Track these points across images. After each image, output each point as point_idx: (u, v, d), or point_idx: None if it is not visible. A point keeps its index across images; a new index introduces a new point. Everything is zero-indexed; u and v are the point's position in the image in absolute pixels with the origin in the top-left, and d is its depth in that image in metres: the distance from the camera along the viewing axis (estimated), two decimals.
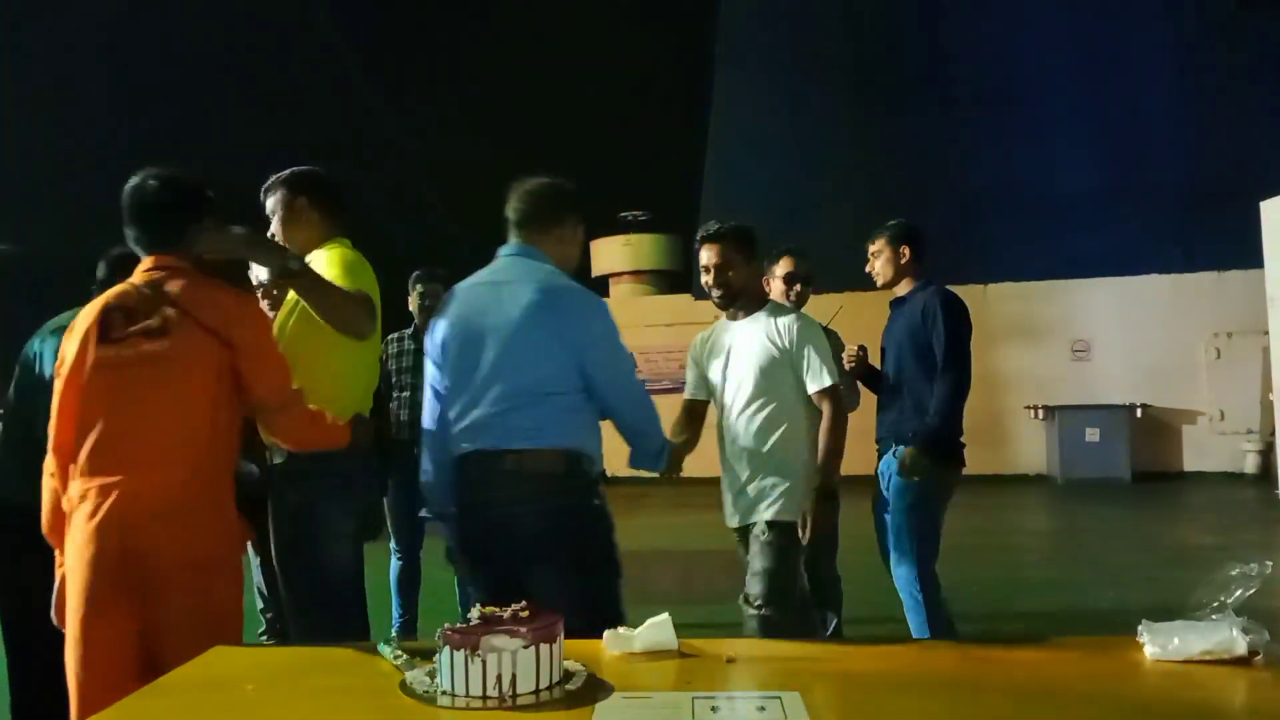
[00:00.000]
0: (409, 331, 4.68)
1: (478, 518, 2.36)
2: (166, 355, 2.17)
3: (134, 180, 2.35)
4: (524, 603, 1.62)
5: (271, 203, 2.77)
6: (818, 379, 3.04)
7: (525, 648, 1.49)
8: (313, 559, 2.53)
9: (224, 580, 2.21)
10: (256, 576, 3.55)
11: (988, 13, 12.95)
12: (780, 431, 3.04)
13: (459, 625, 1.56)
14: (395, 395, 4.57)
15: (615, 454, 2.63)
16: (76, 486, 2.16)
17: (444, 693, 1.51)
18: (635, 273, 15.66)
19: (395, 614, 4.58)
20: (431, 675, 1.58)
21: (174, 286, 2.23)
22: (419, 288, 4.63)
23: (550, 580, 2.28)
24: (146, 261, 2.32)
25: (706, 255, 3.12)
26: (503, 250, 2.52)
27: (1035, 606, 5.21)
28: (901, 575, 3.59)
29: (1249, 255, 9.57)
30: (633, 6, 18.59)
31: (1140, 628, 1.71)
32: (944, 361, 3.50)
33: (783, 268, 3.92)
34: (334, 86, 17.33)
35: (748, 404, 3.09)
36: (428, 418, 2.54)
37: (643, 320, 12.56)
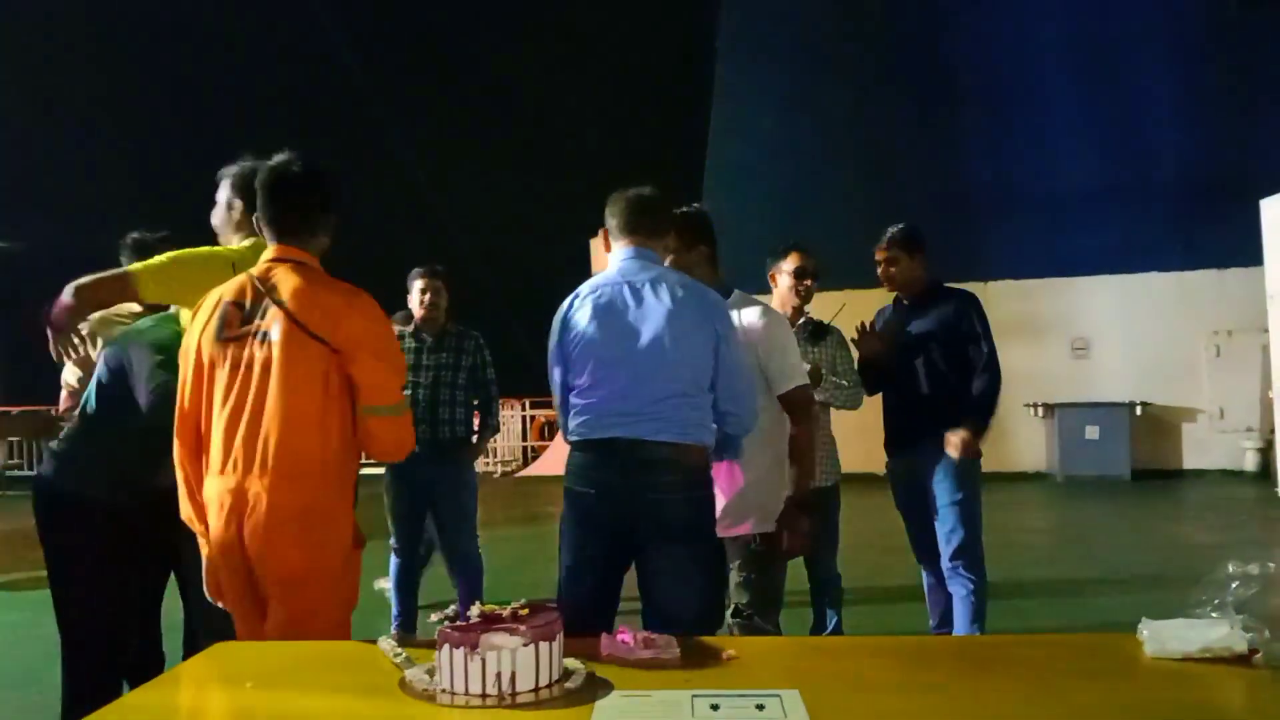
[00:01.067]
0: (409, 330, 4.59)
1: (631, 498, 2.45)
2: (273, 363, 2.15)
3: (277, 163, 2.31)
4: (524, 601, 1.62)
5: (218, 194, 2.79)
6: (786, 379, 2.80)
7: (525, 646, 1.49)
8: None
9: (326, 592, 2.18)
10: None
11: (989, 10, 12.94)
12: (757, 437, 2.73)
13: (459, 623, 1.56)
14: None
15: None
16: (209, 485, 2.21)
17: (443, 691, 1.51)
18: None
19: (394, 612, 4.58)
20: (431, 673, 1.58)
21: (286, 287, 2.19)
22: (419, 283, 4.54)
23: (684, 562, 2.45)
24: (271, 250, 2.29)
25: None
26: (622, 253, 2.64)
27: (1035, 604, 5.21)
28: (959, 566, 3.63)
29: (1249, 253, 9.57)
30: (634, 4, 18.57)
31: (1140, 625, 1.71)
32: (989, 360, 3.73)
33: (791, 263, 3.88)
34: (334, 83, 17.30)
35: None
36: (560, 399, 2.64)
37: None
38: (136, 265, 2.47)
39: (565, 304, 2.65)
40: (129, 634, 2.80)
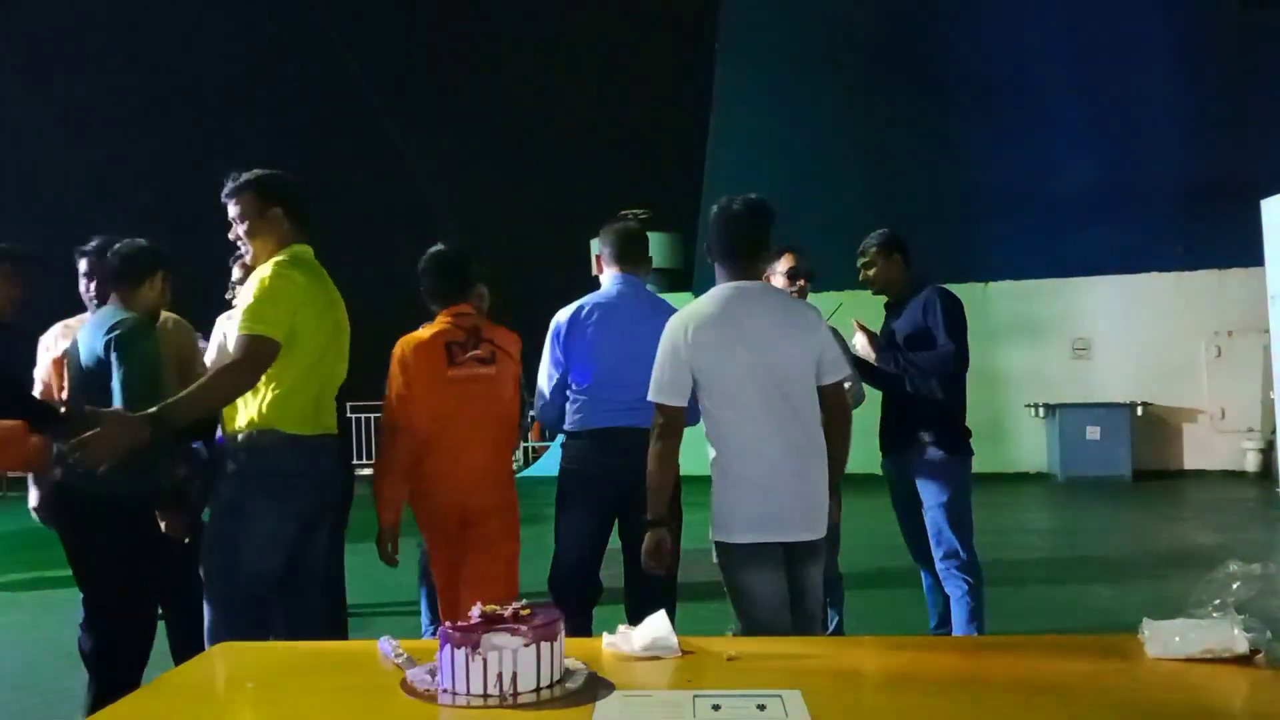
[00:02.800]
0: None
1: (626, 474, 3.00)
2: (496, 376, 3.24)
3: (443, 249, 3.30)
4: (524, 601, 1.63)
5: (239, 207, 2.69)
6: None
7: (526, 646, 1.49)
8: (236, 551, 2.61)
9: (517, 515, 3.34)
10: None
11: (989, 11, 12.93)
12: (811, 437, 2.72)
13: (460, 623, 1.56)
14: None
15: None
16: (430, 461, 3.16)
17: (444, 691, 1.51)
18: None
19: (424, 622, 4.38)
20: (432, 673, 1.58)
21: (485, 328, 3.29)
22: None
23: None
24: (448, 310, 3.26)
25: None
26: (616, 278, 3.35)
27: (1036, 604, 5.21)
28: (950, 567, 3.63)
29: (1250, 253, 9.56)
30: (634, 4, 18.58)
31: (1142, 626, 1.71)
32: (948, 351, 3.59)
33: (784, 264, 3.92)
34: (335, 84, 17.31)
35: None
36: (554, 391, 3.35)
37: None
38: (259, 328, 2.52)
39: (566, 316, 3.28)
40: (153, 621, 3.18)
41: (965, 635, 3.48)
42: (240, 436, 2.62)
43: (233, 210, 2.71)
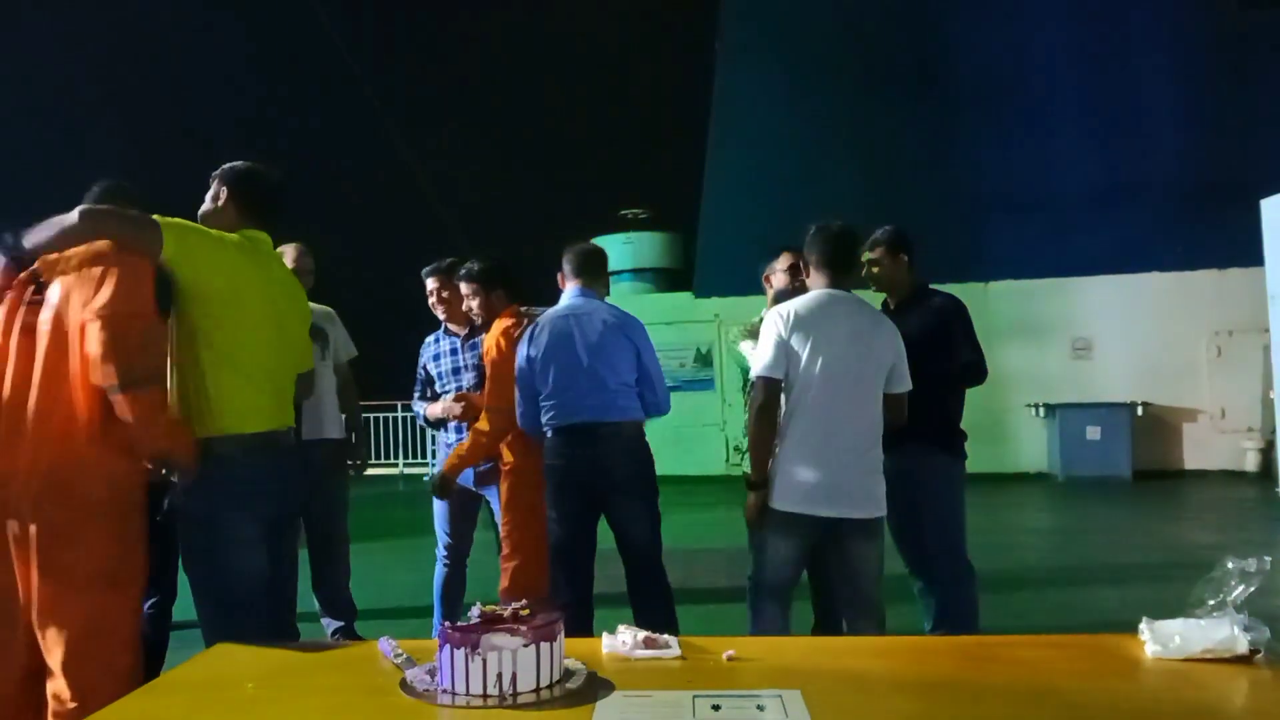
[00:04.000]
0: (441, 331, 4.30)
1: (594, 463, 3.43)
2: None
3: (507, 261, 3.88)
4: (524, 601, 1.63)
5: (211, 190, 2.78)
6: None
7: (525, 646, 1.49)
8: (217, 568, 2.50)
9: None
10: None
11: (989, 11, 12.92)
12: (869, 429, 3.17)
13: (460, 624, 1.56)
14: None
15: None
16: (517, 440, 3.67)
17: (444, 691, 1.51)
18: (636, 270, 15.64)
19: (436, 623, 4.26)
20: (432, 674, 1.58)
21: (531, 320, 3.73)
22: (429, 284, 4.27)
23: (635, 506, 3.50)
24: (511, 307, 3.82)
25: None
26: (572, 292, 3.69)
27: (1036, 604, 5.20)
28: (944, 567, 3.65)
29: (1250, 253, 9.55)
30: (634, 5, 18.58)
31: (1141, 625, 1.71)
32: (978, 356, 3.78)
33: (784, 262, 3.96)
34: (336, 85, 17.31)
35: None
36: (528, 402, 3.59)
37: (643, 318, 12.34)
38: (162, 218, 2.43)
39: (528, 332, 3.61)
40: None
41: (963, 635, 3.48)
42: (198, 444, 2.47)
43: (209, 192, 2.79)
